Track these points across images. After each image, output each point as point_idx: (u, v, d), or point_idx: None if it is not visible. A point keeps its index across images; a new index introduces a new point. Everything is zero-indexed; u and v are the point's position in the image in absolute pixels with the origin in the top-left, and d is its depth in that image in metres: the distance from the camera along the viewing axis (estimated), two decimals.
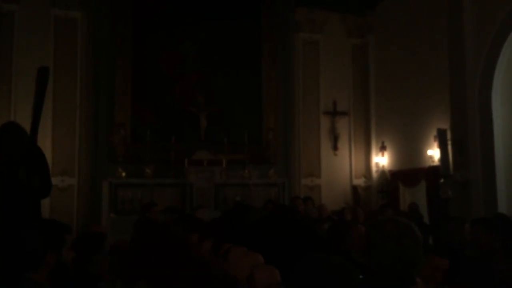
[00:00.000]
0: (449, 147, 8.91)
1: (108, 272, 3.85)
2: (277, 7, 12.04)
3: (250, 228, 4.89)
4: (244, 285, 2.88)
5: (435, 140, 9.51)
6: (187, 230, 4.79)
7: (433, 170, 9.50)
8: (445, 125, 9.17)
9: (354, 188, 12.24)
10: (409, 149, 10.79)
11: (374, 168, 12.17)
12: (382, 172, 11.84)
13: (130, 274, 5.19)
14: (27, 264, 2.20)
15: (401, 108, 11.11)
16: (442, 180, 8.67)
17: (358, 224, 5.23)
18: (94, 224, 7.64)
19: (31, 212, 3.37)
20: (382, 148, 11.86)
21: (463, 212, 7.94)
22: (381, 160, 11.88)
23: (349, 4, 12.22)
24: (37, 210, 3.48)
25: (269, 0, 12.01)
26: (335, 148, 12.28)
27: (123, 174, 10.21)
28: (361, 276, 1.76)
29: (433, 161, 9.70)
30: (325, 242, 4.63)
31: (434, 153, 9.68)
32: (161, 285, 4.43)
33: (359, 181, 12.35)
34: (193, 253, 4.31)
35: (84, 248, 3.24)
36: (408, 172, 10.65)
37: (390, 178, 11.40)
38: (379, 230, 1.87)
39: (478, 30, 8.49)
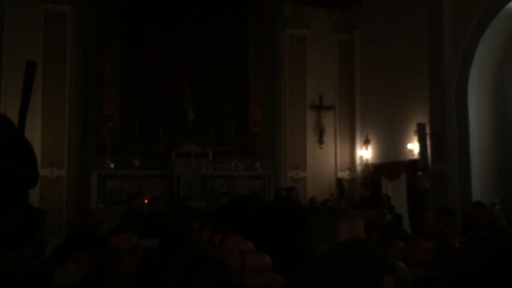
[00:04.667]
0: (428, 141, 9.20)
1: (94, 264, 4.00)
2: (265, 2, 12.26)
3: (250, 216, 5.03)
4: (237, 272, 2.93)
5: (415, 134, 9.78)
6: (187, 220, 4.94)
7: (413, 163, 9.79)
8: (425, 119, 9.46)
9: (339, 180, 12.51)
10: (391, 142, 11.07)
11: (358, 161, 12.44)
12: (366, 165, 12.12)
13: None
14: (9, 243, 2.38)
15: (384, 103, 11.37)
16: (420, 173, 8.97)
17: None
18: (92, 210, 7.84)
19: (18, 201, 3.59)
20: (366, 142, 12.13)
21: (440, 203, 8.23)
22: (365, 153, 12.15)
23: None
24: (25, 200, 3.70)
25: None
26: (320, 141, 12.53)
27: (112, 165, 10.43)
28: None
29: (413, 155, 9.98)
30: None
31: (414, 146, 9.97)
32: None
33: (344, 174, 12.62)
34: (193, 240, 4.42)
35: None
36: (390, 165, 10.94)
37: (373, 171, 11.70)
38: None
39: (456, 29, 8.77)
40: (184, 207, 6.53)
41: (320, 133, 12.53)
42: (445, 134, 8.88)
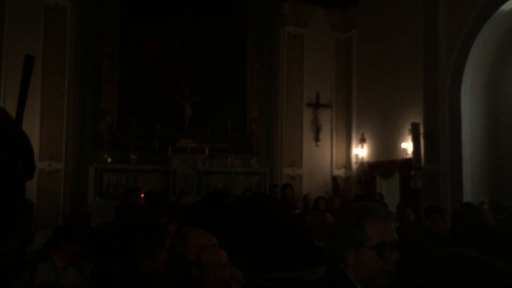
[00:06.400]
0: (422, 141, 9.31)
1: (79, 256, 4.03)
2: (263, 0, 12.35)
3: (221, 212, 5.17)
4: (197, 266, 2.97)
5: (409, 134, 9.88)
6: (158, 214, 5.08)
7: (407, 162, 9.91)
8: (419, 119, 9.56)
9: (334, 178, 12.64)
10: (386, 141, 11.19)
11: (353, 159, 12.55)
12: (361, 163, 12.24)
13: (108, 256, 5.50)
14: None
15: (380, 102, 11.49)
16: (412, 172, 9.08)
17: (326, 213, 5.63)
18: (83, 204, 7.92)
19: (15, 193, 3.70)
20: (362, 140, 12.24)
21: (432, 202, 8.34)
22: (361, 151, 12.26)
23: None
24: (21, 192, 3.81)
25: None
26: (317, 139, 12.65)
27: (109, 159, 10.54)
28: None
29: (407, 154, 10.10)
30: (288, 228, 4.97)
31: (408, 146, 10.08)
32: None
33: (340, 172, 12.74)
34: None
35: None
36: (384, 164, 11.07)
37: (368, 169, 11.81)
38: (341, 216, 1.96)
39: (451, 31, 8.89)
40: (158, 202, 6.60)
41: (317, 131, 12.64)
42: (438, 134, 9.00)
